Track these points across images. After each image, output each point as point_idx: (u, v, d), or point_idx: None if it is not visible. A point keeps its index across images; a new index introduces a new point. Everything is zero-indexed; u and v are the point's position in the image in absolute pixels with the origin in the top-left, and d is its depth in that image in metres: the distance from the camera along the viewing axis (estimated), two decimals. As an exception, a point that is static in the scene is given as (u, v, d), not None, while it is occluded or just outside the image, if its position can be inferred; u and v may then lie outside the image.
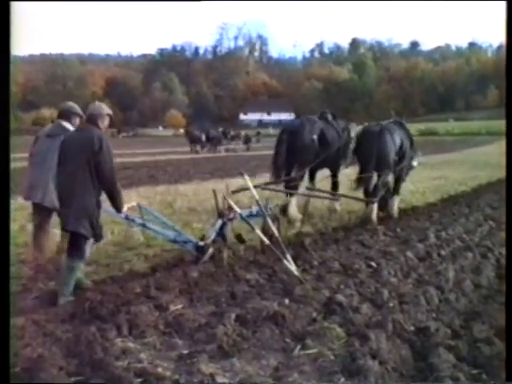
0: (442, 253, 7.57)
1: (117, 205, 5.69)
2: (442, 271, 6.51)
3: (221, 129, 51.46)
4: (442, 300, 5.54)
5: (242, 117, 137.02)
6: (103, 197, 5.64)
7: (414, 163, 11.60)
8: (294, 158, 10.29)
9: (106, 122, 5.73)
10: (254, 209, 7.77)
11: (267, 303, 5.12)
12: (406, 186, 12.20)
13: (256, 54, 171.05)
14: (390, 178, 10.64)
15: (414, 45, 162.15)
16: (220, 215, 7.05)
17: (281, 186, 10.43)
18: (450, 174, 19.53)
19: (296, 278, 6.00)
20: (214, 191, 7.13)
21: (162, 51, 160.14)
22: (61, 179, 5.46)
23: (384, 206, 10.67)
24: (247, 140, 48.12)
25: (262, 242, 6.74)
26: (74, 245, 5.46)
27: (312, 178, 11.28)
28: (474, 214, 11.01)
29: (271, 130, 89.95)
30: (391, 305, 5.27)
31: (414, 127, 12.47)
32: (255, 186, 9.45)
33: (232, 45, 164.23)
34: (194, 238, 6.99)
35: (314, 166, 10.55)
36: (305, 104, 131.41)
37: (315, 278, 6.28)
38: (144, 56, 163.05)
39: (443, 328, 4.64)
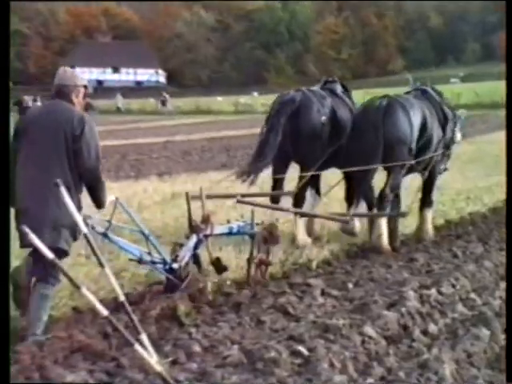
0: (432, 328, 7.68)
1: (100, 200, 7.57)
2: (431, 363, 6.51)
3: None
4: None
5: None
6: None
7: (458, 136, 12.92)
8: (292, 151, 11.40)
9: (81, 95, 7.56)
10: (235, 225, 9.46)
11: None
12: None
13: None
14: (407, 181, 11.88)
15: None
16: (193, 229, 8.79)
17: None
18: (449, 181, 19.07)
19: (160, 378, 5.95)
20: (187, 194, 9.23)
21: None
22: (26, 176, 7.01)
23: (393, 228, 11.42)
24: None
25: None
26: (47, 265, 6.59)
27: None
28: (493, 254, 11.18)
29: (120, 102, 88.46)
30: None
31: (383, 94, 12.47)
32: (227, 196, 11.26)
33: None
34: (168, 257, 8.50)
35: (319, 164, 11.53)
36: (181, 52, 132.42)
37: (197, 375, 6.26)
38: None
39: None
